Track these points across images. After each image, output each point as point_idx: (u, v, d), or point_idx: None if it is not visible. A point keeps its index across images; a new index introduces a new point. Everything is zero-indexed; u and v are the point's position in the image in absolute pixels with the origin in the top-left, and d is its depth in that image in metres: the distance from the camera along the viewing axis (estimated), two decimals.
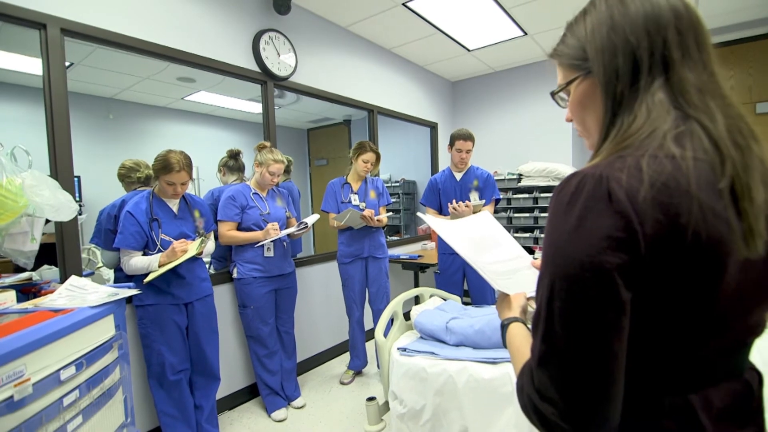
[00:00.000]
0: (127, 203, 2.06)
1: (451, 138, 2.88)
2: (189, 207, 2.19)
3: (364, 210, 2.76)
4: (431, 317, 1.95)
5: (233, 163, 2.84)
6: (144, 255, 2.01)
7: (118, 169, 2.44)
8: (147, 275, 1.91)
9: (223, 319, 2.54)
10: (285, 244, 2.57)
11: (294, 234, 2.51)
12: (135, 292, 1.63)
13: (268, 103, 2.87)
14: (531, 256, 0.90)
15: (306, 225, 2.49)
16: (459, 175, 2.95)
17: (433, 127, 4.73)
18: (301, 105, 4.72)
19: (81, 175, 3.61)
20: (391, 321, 2.14)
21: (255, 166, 2.48)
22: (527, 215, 4.12)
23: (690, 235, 0.45)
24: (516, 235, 4.20)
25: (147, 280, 1.89)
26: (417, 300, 2.35)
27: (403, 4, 3.04)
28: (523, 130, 4.50)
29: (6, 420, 0.98)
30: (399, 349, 1.87)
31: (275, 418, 2.47)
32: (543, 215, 3.99)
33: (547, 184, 3.99)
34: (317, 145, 5.96)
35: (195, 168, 2.16)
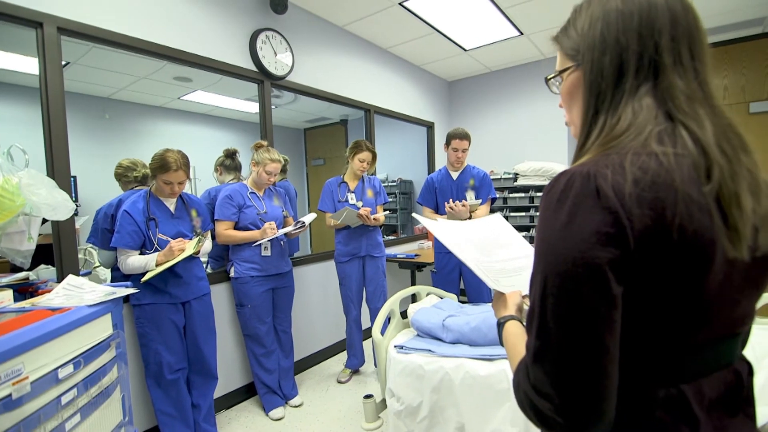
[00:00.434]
0: (124, 202, 2.06)
1: (448, 137, 2.89)
2: (186, 206, 2.20)
3: (361, 209, 2.77)
4: (428, 315, 1.96)
5: (230, 163, 2.84)
6: (141, 254, 2.01)
7: (114, 169, 2.44)
8: (144, 274, 1.92)
9: (221, 318, 2.55)
10: (282, 243, 2.57)
11: (291, 233, 2.52)
12: (132, 291, 1.64)
13: (264, 103, 2.87)
14: None
15: (303, 224, 2.50)
16: (455, 175, 2.96)
17: (430, 127, 4.74)
18: (298, 104, 4.72)
19: (78, 175, 3.60)
20: (388, 319, 2.15)
21: (252, 165, 2.48)
22: (523, 214, 4.15)
23: (676, 230, 0.46)
24: None
25: (144, 279, 1.89)
26: (414, 298, 2.36)
27: (400, 3, 3.05)
28: (519, 129, 4.52)
29: (4, 418, 0.99)
30: (396, 347, 1.88)
31: (273, 416, 2.48)
32: (539, 214, 4.02)
33: (543, 183, 4.02)
34: (314, 145, 5.96)
35: (192, 167, 2.16)
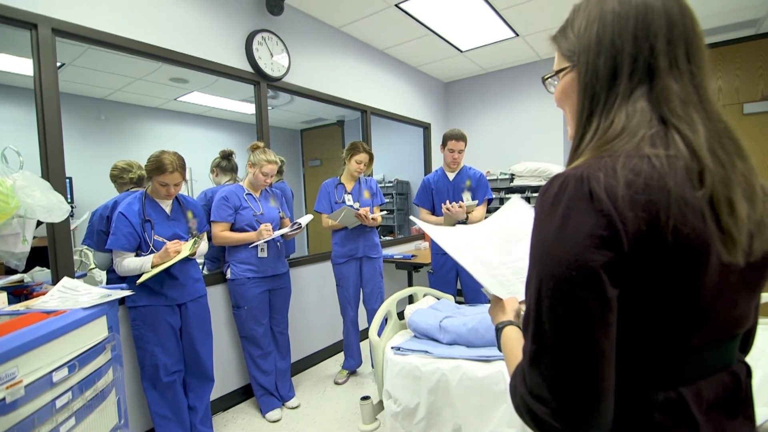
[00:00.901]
0: (120, 204, 2.04)
1: (444, 138, 2.90)
2: (182, 208, 2.19)
3: (359, 209, 2.77)
4: (425, 316, 1.96)
5: (226, 164, 2.83)
6: (137, 256, 2.00)
7: (110, 170, 2.42)
8: (140, 276, 1.91)
9: (217, 320, 2.54)
10: (279, 244, 2.57)
11: (287, 234, 2.52)
12: (128, 293, 1.63)
13: (261, 104, 2.87)
14: None
15: (299, 225, 2.49)
16: (452, 175, 2.97)
17: (426, 128, 4.75)
18: (295, 105, 4.71)
19: (73, 176, 3.58)
20: (385, 320, 2.15)
21: (248, 166, 2.48)
22: None
23: (671, 232, 0.46)
24: None
25: (140, 281, 1.88)
26: (411, 299, 2.37)
27: (396, 5, 3.06)
28: (515, 130, 4.53)
29: None
30: (393, 348, 1.88)
31: (270, 418, 2.47)
32: (534, 217, 4.03)
33: (539, 183, 4.03)
34: (311, 146, 5.95)
35: (188, 169, 2.15)
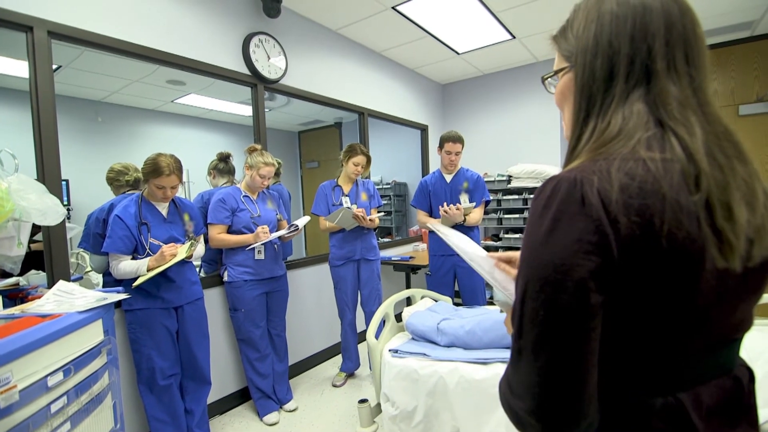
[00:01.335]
0: (116, 207, 2.04)
1: (441, 140, 2.90)
2: (179, 210, 2.18)
3: (356, 210, 2.76)
4: (422, 318, 1.96)
5: (223, 166, 2.83)
6: (133, 259, 2.00)
7: (106, 173, 2.42)
8: (136, 279, 1.90)
9: (214, 323, 2.53)
10: (276, 246, 2.56)
11: (285, 237, 2.51)
12: (124, 296, 1.62)
13: (258, 106, 2.87)
14: None
15: (296, 227, 2.49)
16: (449, 177, 2.97)
17: (424, 130, 4.75)
18: (292, 108, 4.72)
19: (70, 179, 3.57)
20: (383, 322, 2.15)
21: (245, 169, 2.47)
22: (517, 216, 4.17)
23: (665, 236, 0.45)
24: (506, 236, 4.25)
25: (136, 284, 1.88)
26: (408, 301, 2.36)
27: (393, 7, 3.06)
28: (513, 132, 4.54)
29: None
30: (391, 351, 1.88)
31: (267, 421, 2.46)
32: (527, 218, 4.06)
33: (537, 185, 4.03)
34: (308, 148, 5.95)
35: (185, 171, 2.15)
